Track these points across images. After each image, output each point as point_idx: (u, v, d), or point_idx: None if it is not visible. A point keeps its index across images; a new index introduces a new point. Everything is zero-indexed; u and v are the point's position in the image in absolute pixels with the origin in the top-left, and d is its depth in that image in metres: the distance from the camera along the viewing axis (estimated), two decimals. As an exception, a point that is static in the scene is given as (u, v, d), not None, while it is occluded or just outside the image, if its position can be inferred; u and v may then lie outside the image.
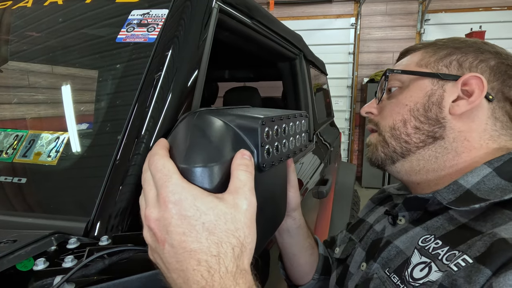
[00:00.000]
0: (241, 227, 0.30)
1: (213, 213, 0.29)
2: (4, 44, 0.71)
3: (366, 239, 0.59)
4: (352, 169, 2.79)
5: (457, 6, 4.63)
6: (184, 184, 0.30)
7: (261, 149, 0.37)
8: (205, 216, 0.29)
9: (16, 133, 0.56)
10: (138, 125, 0.48)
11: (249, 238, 0.31)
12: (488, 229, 0.38)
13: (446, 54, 0.52)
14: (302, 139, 0.50)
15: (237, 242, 0.30)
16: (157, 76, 0.51)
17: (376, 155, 0.55)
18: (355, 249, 0.61)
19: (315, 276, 0.67)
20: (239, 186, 0.32)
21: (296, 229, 0.62)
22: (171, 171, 0.31)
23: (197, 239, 0.28)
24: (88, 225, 0.43)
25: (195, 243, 0.28)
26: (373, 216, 0.64)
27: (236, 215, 0.30)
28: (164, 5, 0.58)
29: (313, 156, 1.46)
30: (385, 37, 4.92)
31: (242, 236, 0.30)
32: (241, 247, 0.30)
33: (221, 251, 0.29)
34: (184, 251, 0.28)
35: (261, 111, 0.42)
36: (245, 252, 0.30)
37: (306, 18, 5.03)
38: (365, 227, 0.63)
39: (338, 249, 0.67)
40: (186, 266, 0.28)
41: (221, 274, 0.28)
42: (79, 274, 0.34)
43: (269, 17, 0.97)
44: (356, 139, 5.25)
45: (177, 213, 0.29)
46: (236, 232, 0.30)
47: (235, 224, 0.30)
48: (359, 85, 5.08)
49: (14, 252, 0.35)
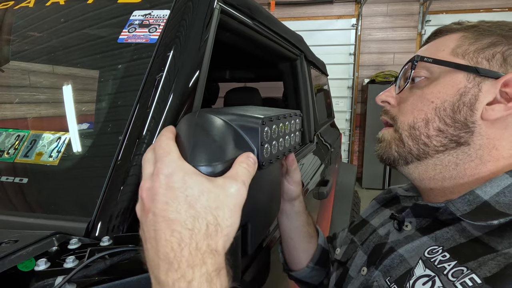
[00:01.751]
0: (221, 207, 0.30)
1: (198, 188, 0.30)
2: (5, 44, 0.71)
3: (369, 242, 0.56)
4: (352, 170, 2.79)
5: (458, 7, 4.63)
6: (179, 162, 0.31)
7: (261, 148, 0.38)
8: (190, 190, 0.29)
9: (18, 133, 0.56)
10: (140, 126, 0.48)
11: (229, 221, 0.30)
12: (504, 247, 0.34)
13: (489, 44, 0.43)
14: (296, 137, 0.51)
15: (213, 220, 0.29)
16: (159, 77, 0.51)
17: (388, 153, 0.49)
18: (356, 252, 0.58)
19: (310, 264, 0.67)
20: (234, 176, 0.32)
21: (295, 214, 0.62)
22: (172, 149, 0.32)
23: (176, 210, 0.29)
24: (89, 226, 0.43)
25: (174, 213, 0.29)
26: (378, 219, 0.60)
27: (220, 195, 0.30)
28: (166, 6, 0.58)
29: (314, 157, 1.46)
30: (386, 38, 4.92)
31: (220, 216, 0.30)
32: (216, 226, 0.29)
33: (196, 225, 0.29)
34: (163, 220, 0.29)
35: (260, 111, 0.43)
36: (220, 233, 0.30)
37: (307, 18, 5.03)
38: (368, 230, 0.59)
39: (339, 250, 0.65)
40: (160, 235, 0.28)
41: (191, 250, 0.28)
42: (80, 275, 0.34)
43: (270, 18, 0.97)
44: (356, 140, 5.25)
45: (165, 184, 0.30)
46: (215, 210, 0.30)
47: (216, 203, 0.30)
48: (360, 86, 5.07)
49: (15, 253, 0.35)
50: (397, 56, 4.93)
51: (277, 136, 0.43)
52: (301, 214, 0.63)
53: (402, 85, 0.50)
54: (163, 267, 0.28)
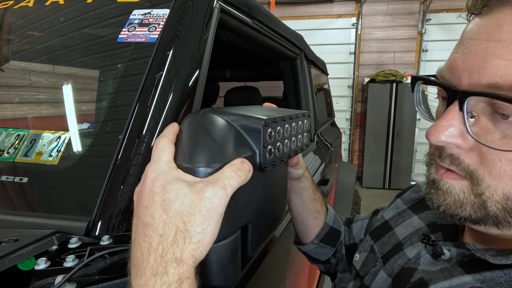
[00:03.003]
0: (194, 214, 0.29)
1: (174, 193, 0.29)
2: (5, 44, 0.71)
3: (393, 263, 0.48)
4: (352, 169, 2.79)
5: (459, 6, 4.62)
6: (165, 168, 0.31)
7: (264, 149, 0.37)
8: (167, 195, 0.29)
9: (18, 132, 0.56)
10: (139, 125, 0.48)
11: (200, 227, 0.29)
12: None
13: None
14: (304, 138, 0.50)
15: (182, 227, 0.28)
16: (158, 76, 0.51)
17: (455, 212, 0.35)
18: (375, 267, 0.51)
19: (314, 241, 0.66)
20: (217, 178, 0.31)
21: (300, 190, 0.62)
22: (165, 153, 0.32)
23: (151, 214, 0.29)
24: (89, 225, 0.43)
25: (149, 217, 0.29)
26: (403, 228, 0.52)
27: (195, 200, 0.29)
28: (166, 5, 0.58)
29: (314, 156, 1.46)
30: (386, 37, 4.92)
31: (191, 222, 0.29)
32: (184, 232, 0.28)
33: (166, 231, 0.28)
34: (141, 224, 0.29)
35: (264, 111, 0.42)
36: (188, 241, 0.28)
37: (307, 18, 5.03)
38: (391, 240, 0.52)
39: (358, 256, 0.59)
40: (136, 239, 0.29)
41: (156, 257, 0.27)
42: (80, 274, 0.34)
43: (270, 17, 0.97)
44: (356, 139, 5.25)
45: (148, 188, 0.30)
46: (187, 216, 0.29)
47: (189, 209, 0.29)
48: (360, 85, 5.07)
49: (15, 252, 0.35)
50: (397, 55, 4.93)
51: (282, 137, 0.42)
52: (307, 190, 0.62)
53: (484, 124, 0.32)
54: (133, 271, 0.28)
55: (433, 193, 0.37)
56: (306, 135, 0.51)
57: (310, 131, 0.66)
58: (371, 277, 0.51)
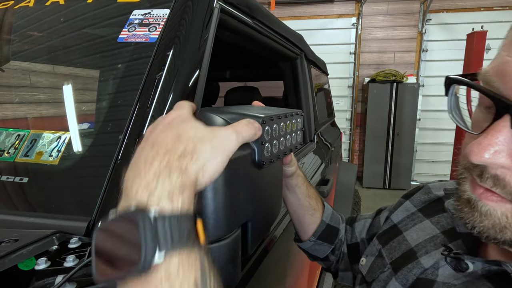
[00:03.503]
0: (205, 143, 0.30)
1: (190, 126, 0.31)
2: (6, 44, 0.71)
3: (407, 273, 0.44)
4: (353, 169, 2.79)
5: (459, 6, 4.62)
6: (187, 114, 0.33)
7: (262, 147, 0.38)
8: (183, 126, 0.31)
9: (18, 132, 0.56)
10: (140, 125, 0.48)
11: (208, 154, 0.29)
12: None
13: None
14: (298, 137, 0.51)
15: (191, 148, 0.29)
16: (158, 76, 0.51)
17: (495, 236, 0.32)
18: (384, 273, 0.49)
19: (312, 238, 0.66)
20: (230, 125, 0.33)
21: (293, 188, 0.62)
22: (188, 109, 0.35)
23: (164, 136, 0.30)
24: (90, 225, 0.43)
25: (161, 137, 0.30)
26: (415, 233, 0.49)
27: (208, 135, 0.31)
28: (166, 5, 0.58)
29: (314, 156, 1.46)
30: (386, 37, 4.92)
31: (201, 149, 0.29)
32: (192, 153, 0.29)
33: (174, 147, 0.29)
34: (151, 142, 0.30)
35: (261, 110, 0.43)
36: (194, 159, 0.28)
37: (307, 18, 5.03)
38: (402, 246, 0.50)
39: (364, 260, 0.56)
40: (142, 150, 0.30)
41: (161, 162, 0.27)
42: (80, 274, 0.34)
43: (270, 17, 0.97)
44: (357, 139, 5.25)
45: (167, 121, 0.32)
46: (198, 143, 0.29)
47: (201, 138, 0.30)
48: (360, 85, 5.07)
49: (16, 252, 0.35)
50: (397, 55, 4.93)
51: (278, 135, 0.43)
52: (300, 186, 0.63)
53: None
54: (131, 175, 0.28)
55: (467, 212, 0.33)
56: (300, 133, 0.52)
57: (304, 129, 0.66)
58: (380, 284, 0.49)
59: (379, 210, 0.68)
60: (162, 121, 0.32)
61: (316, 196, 0.67)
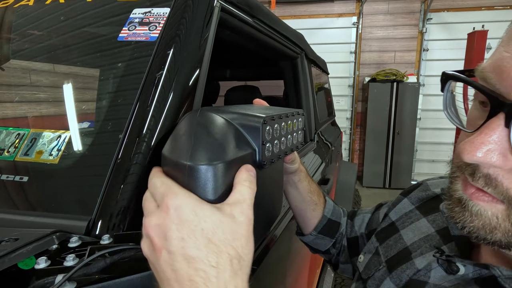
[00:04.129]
0: (238, 238, 0.29)
1: (211, 220, 0.28)
2: (5, 43, 0.71)
3: (401, 273, 0.45)
4: (353, 168, 2.78)
5: (460, 5, 4.61)
6: (184, 192, 0.29)
7: (263, 147, 0.37)
8: (204, 223, 0.28)
9: (18, 131, 0.56)
10: (140, 124, 0.48)
11: (247, 249, 0.29)
12: None
13: None
14: (299, 136, 0.51)
15: (235, 254, 0.28)
16: (159, 75, 0.51)
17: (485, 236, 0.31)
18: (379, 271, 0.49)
19: (313, 232, 0.67)
20: (239, 200, 0.31)
21: (296, 183, 0.62)
22: (171, 183, 0.31)
23: (196, 246, 0.26)
24: (90, 224, 0.43)
25: (194, 250, 0.26)
26: (411, 232, 0.49)
27: (232, 225, 0.29)
28: (166, 4, 0.57)
29: (314, 155, 1.46)
30: (387, 36, 4.91)
31: (240, 247, 0.28)
32: (239, 259, 0.28)
33: (220, 262, 0.26)
34: (183, 258, 0.26)
35: (261, 110, 0.43)
36: (243, 266, 0.28)
37: (308, 17, 5.02)
38: (398, 244, 0.50)
39: (362, 258, 0.57)
40: (182, 275, 0.26)
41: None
42: (80, 273, 0.34)
43: (270, 16, 0.97)
44: (357, 138, 5.25)
45: (177, 217, 0.27)
46: (234, 242, 0.28)
47: (232, 234, 0.28)
48: (361, 84, 5.07)
49: (15, 251, 0.35)
50: (398, 55, 4.92)
51: (279, 135, 0.42)
52: (302, 182, 0.63)
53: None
54: None
55: (457, 211, 0.33)
56: (301, 133, 0.52)
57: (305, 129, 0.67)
58: (375, 282, 0.49)
59: (378, 205, 0.69)
60: (168, 215, 0.28)
61: (318, 191, 0.68)
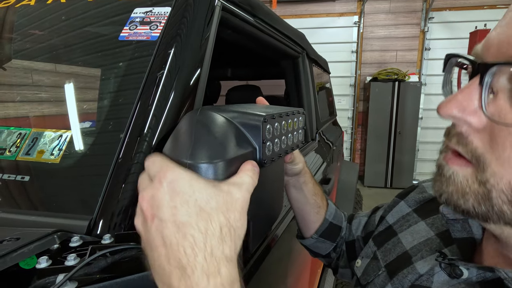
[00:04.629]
0: (232, 210, 0.29)
1: (206, 192, 0.29)
2: (7, 42, 0.71)
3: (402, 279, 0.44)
4: (354, 168, 2.78)
5: (462, 4, 4.59)
6: (180, 169, 0.30)
7: (263, 145, 0.37)
8: (199, 194, 0.28)
9: (19, 131, 0.56)
10: (141, 123, 0.48)
11: (239, 223, 0.30)
12: None
13: None
14: (299, 135, 0.51)
15: (226, 222, 0.28)
16: (160, 75, 0.51)
17: (459, 202, 0.32)
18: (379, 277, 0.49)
19: (314, 235, 0.67)
20: (238, 182, 0.32)
21: (301, 185, 0.62)
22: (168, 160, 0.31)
23: (187, 213, 0.27)
24: (91, 223, 0.43)
25: (185, 216, 0.27)
26: (409, 235, 0.49)
27: (228, 199, 0.30)
28: (167, 3, 0.57)
29: (316, 155, 1.46)
30: (388, 35, 4.90)
31: (232, 218, 0.29)
32: (229, 228, 0.28)
33: (209, 228, 0.27)
34: (173, 225, 0.27)
35: (262, 108, 0.43)
36: (233, 235, 0.29)
37: (309, 16, 5.01)
38: (396, 248, 0.49)
39: (359, 262, 0.56)
40: (171, 239, 0.27)
41: (206, 256, 0.26)
42: (81, 272, 0.34)
43: (271, 15, 0.96)
44: (358, 138, 5.24)
45: (172, 189, 0.28)
46: (227, 212, 0.29)
47: (226, 206, 0.29)
48: (362, 83, 5.06)
49: (17, 250, 0.35)
50: (399, 54, 4.91)
51: (279, 134, 0.42)
52: (307, 184, 0.63)
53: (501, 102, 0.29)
54: (175, 273, 0.26)
55: (437, 180, 0.34)
56: (302, 132, 0.52)
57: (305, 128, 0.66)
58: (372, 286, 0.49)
59: (375, 208, 0.68)
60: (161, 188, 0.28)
61: (322, 194, 0.67)
